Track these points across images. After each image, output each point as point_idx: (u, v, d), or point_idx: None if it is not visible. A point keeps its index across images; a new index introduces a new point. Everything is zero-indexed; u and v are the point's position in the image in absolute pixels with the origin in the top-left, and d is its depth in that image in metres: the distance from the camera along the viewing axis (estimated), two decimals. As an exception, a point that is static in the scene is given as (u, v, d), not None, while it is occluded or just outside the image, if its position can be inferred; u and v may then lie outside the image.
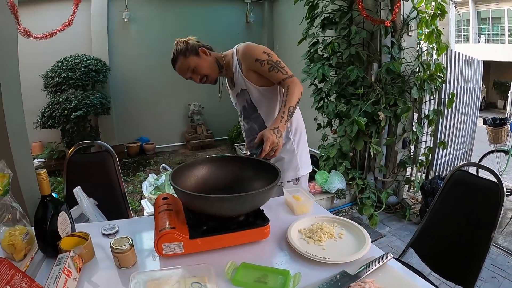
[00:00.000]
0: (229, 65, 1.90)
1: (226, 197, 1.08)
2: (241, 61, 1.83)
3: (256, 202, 1.14)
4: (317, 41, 4.15)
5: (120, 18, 6.32)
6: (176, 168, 1.29)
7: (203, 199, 1.09)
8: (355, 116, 3.59)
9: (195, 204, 1.14)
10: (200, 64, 1.82)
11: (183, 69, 1.83)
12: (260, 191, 1.10)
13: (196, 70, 1.82)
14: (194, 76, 1.85)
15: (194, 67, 1.81)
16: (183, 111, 7.10)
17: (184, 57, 1.80)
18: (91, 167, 2.18)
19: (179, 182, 1.22)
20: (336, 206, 4.04)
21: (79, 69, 5.47)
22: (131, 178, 5.03)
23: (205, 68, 1.83)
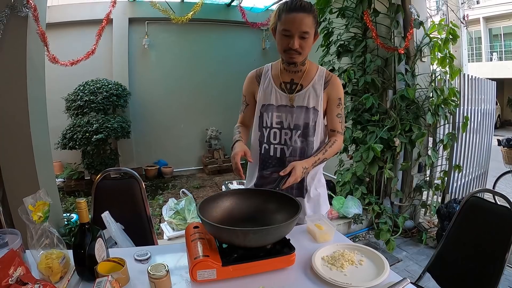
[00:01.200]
0: (307, 71, 1.78)
1: (251, 230, 1.16)
2: (330, 84, 1.77)
3: (278, 234, 1.22)
4: (333, 68, 4.26)
5: (140, 44, 6.54)
6: (202, 201, 1.36)
7: (229, 232, 1.17)
8: (371, 142, 3.65)
9: (222, 235, 1.22)
10: (311, 35, 1.63)
11: (298, 22, 1.56)
12: (282, 224, 1.18)
13: (307, 38, 1.61)
14: (298, 39, 1.60)
15: (309, 32, 1.60)
16: (201, 136, 7.19)
17: (308, 15, 1.58)
18: (118, 192, 2.25)
19: (206, 214, 1.29)
20: (353, 231, 4.04)
21: (101, 93, 5.64)
22: (150, 201, 5.08)
23: (310, 43, 1.64)
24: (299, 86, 1.76)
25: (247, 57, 7.42)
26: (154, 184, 6.21)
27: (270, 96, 1.78)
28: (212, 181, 6.42)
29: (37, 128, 3.18)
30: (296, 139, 1.76)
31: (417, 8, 3.81)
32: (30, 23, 3.02)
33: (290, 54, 1.64)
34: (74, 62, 3.83)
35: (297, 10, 1.57)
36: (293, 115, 1.75)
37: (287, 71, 1.78)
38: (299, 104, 1.75)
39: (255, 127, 1.85)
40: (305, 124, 1.75)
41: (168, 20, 6.39)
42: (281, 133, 1.77)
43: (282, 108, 1.76)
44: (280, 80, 1.78)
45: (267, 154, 1.81)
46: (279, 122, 1.77)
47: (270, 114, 1.77)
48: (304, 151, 1.77)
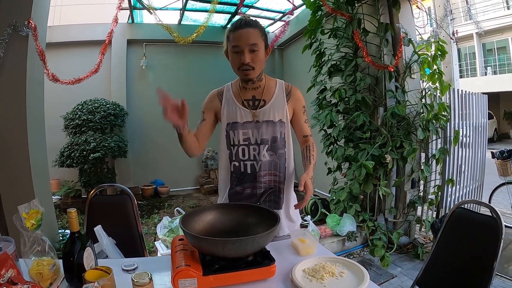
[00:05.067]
0: (266, 86, 1.85)
1: (229, 240, 1.20)
2: (292, 96, 1.86)
3: (257, 245, 1.25)
4: (325, 88, 4.35)
5: (138, 65, 6.68)
6: (186, 214, 1.41)
7: (209, 242, 1.21)
8: (363, 160, 3.70)
9: (202, 245, 1.26)
10: (261, 48, 1.69)
11: (245, 37, 1.66)
12: (260, 235, 1.21)
13: (256, 50, 1.68)
14: (248, 53, 1.67)
15: (258, 44, 1.67)
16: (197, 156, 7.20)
17: (253, 29, 1.68)
18: (111, 208, 2.30)
19: (189, 226, 1.33)
20: (347, 248, 4.05)
21: (99, 112, 5.74)
22: (145, 220, 5.11)
23: (260, 56, 1.70)
24: (262, 102, 1.82)
25: (244, 77, 7.51)
26: (151, 204, 6.23)
27: (234, 115, 1.81)
28: (208, 200, 6.45)
29: (35, 145, 3.24)
30: (264, 153, 1.81)
31: (406, 26, 3.92)
32: (30, 43, 3.13)
33: (244, 71, 1.70)
34: (77, 80, 3.90)
35: (242, 27, 1.67)
36: (259, 130, 1.79)
37: (246, 88, 1.83)
38: (264, 118, 1.79)
39: (223, 146, 1.89)
40: (273, 138, 1.81)
41: (166, 42, 6.57)
42: (249, 149, 1.81)
43: (247, 124, 1.80)
44: (241, 98, 1.83)
45: (238, 171, 1.84)
46: (246, 138, 1.80)
47: (237, 132, 1.81)
48: (276, 164, 1.84)
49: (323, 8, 4.22)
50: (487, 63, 18.04)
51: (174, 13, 6.47)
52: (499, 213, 1.60)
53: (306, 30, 4.43)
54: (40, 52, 3.22)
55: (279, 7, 6.52)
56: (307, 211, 4.81)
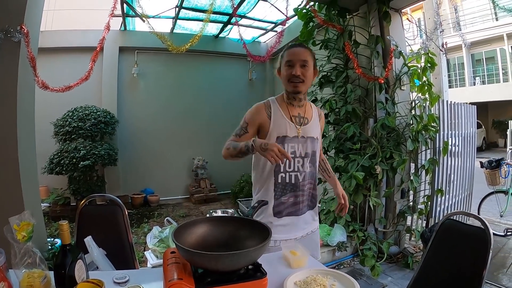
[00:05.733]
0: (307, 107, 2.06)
1: (222, 254, 1.20)
2: (321, 117, 2.14)
3: (249, 259, 1.25)
4: (316, 99, 4.39)
5: (129, 73, 6.67)
6: (178, 227, 1.40)
7: (201, 256, 1.21)
8: (353, 170, 3.73)
9: (194, 259, 1.25)
10: (310, 66, 1.90)
11: (298, 53, 1.89)
12: (252, 249, 1.22)
13: (307, 66, 1.88)
14: (300, 68, 1.87)
15: (308, 61, 1.88)
16: (188, 165, 7.24)
17: (305, 49, 1.93)
18: (101, 218, 2.28)
19: (181, 239, 1.33)
20: (338, 258, 4.05)
21: (89, 120, 5.70)
22: (135, 229, 5.06)
23: (310, 73, 1.91)
24: (305, 120, 2.00)
25: (234, 87, 7.62)
26: (140, 212, 6.18)
27: (284, 129, 1.93)
28: (198, 210, 6.40)
29: (25, 152, 3.21)
30: (307, 165, 1.99)
31: (396, 38, 3.97)
32: (22, 48, 3.11)
33: (294, 83, 1.88)
34: (67, 88, 3.87)
35: (296, 46, 1.94)
36: (303, 145, 1.97)
37: (293, 105, 1.99)
38: (308, 135, 1.99)
39: None
40: (313, 152, 2.02)
41: (158, 50, 6.57)
42: (295, 162, 1.96)
43: (295, 139, 1.95)
44: (290, 114, 1.96)
45: (283, 181, 1.96)
46: (293, 152, 1.94)
47: (286, 145, 1.93)
48: (313, 174, 2.06)
49: (315, 19, 4.28)
50: (475, 73, 18.34)
51: (166, 21, 6.49)
52: (488, 224, 1.62)
53: (297, 41, 4.47)
54: (31, 58, 3.20)
55: (271, 18, 6.57)
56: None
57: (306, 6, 4.46)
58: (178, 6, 5.68)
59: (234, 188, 6.74)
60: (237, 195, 6.54)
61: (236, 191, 6.66)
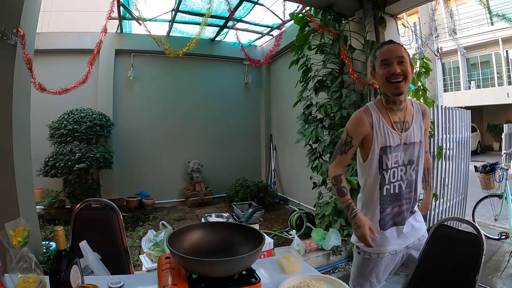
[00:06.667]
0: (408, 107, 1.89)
1: (216, 261, 1.22)
2: (425, 115, 1.94)
3: (243, 265, 1.27)
4: (311, 103, 4.42)
5: (125, 76, 6.65)
6: (172, 233, 1.42)
7: (196, 262, 1.23)
8: (348, 175, 3.74)
9: (189, 265, 1.27)
10: (407, 62, 1.76)
11: (393, 50, 1.76)
12: (246, 255, 1.23)
13: (404, 62, 1.74)
14: (398, 65, 1.73)
15: (405, 57, 1.75)
16: (183, 168, 7.20)
17: (399, 45, 1.79)
18: (96, 222, 2.28)
19: (175, 245, 1.33)
20: (332, 262, 4.04)
21: (85, 122, 5.67)
22: (130, 233, 5.03)
23: (408, 69, 1.76)
24: (406, 124, 1.86)
25: (230, 91, 7.63)
26: (135, 216, 6.14)
27: (386, 138, 1.81)
28: (193, 213, 6.37)
29: (20, 154, 3.20)
30: (411, 173, 1.87)
31: (391, 44, 3.99)
32: (18, 51, 3.10)
33: (394, 84, 1.73)
34: (64, 90, 3.85)
35: (388, 43, 1.81)
36: (406, 152, 1.84)
37: (393, 110, 1.85)
38: (410, 141, 1.84)
39: (374, 170, 1.86)
40: (417, 158, 1.87)
41: (154, 53, 6.56)
42: (398, 171, 1.85)
43: (397, 147, 1.82)
44: (391, 120, 1.83)
45: (388, 193, 1.86)
46: (396, 161, 1.83)
47: (390, 155, 1.82)
48: (416, 182, 1.90)
49: (311, 24, 4.30)
50: (471, 78, 18.57)
51: (163, 24, 6.50)
52: (480, 230, 1.63)
53: (294, 46, 4.50)
54: (27, 60, 3.18)
55: (267, 22, 6.59)
56: (292, 226, 4.83)
57: (302, 11, 4.49)
58: (174, 10, 5.68)
59: (230, 192, 6.70)
60: (232, 199, 6.50)
61: (231, 194, 6.62)
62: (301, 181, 6.02)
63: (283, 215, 6.08)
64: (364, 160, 1.89)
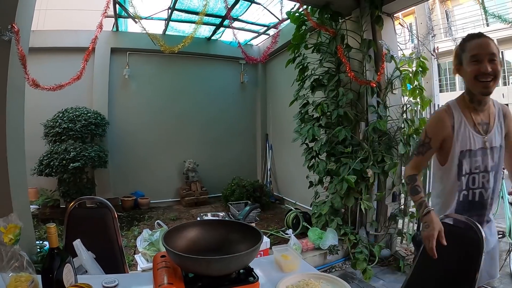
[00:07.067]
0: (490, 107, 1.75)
1: (213, 259, 1.18)
2: (506, 117, 1.77)
3: (240, 263, 1.24)
4: (308, 102, 4.40)
5: (121, 74, 6.60)
6: (168, 230, 1.38)
7: (192, 260, 1.19)
8: (345, 174, 3.74)
9: (185, 264, 1.24)
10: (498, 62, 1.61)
11: (485, 46, 1.61)
12: (244, 253, 1.20)
13: (495, 60, 1.60)
14: (489, 63, 1.59)
15: (496, 55, 1.60)
16: (179, 168, 7.16)
17: (490, 40, 1.63)
18: (91, 221, 2.25)
19: (171, 243, 1.30)
20: (329, 261, 4.04)
21: (80, 121, 5.62)
22: (125, 232, 5.00)
23: (499, 69, 1.61)
24: (488, 126, 1.72)
25: (226, 90, 7.60)
26: (131, 215, 6.10)
27: (468, 141, 1.70)
28: (189, 213, 6.34)
29: (14, 153, 3.16)
30: (491, 179, 1.72)
31: (388, 43, 4.00)
32: (13, 48, 3.06)
33: (483, 83, 1.61)
34: (58, 86, 3.82)
35: (479, 37, 1.64)
36: (487, 157, 1.70)
37: (477, 110, 1.72)
38: (492, 144, 1.71)
39: (452, 175, 1.75)
40: (497, 164, 1.73)
41: (150, 52, 6.54)
42: (479, 177, 1.71)
43: (479, 151, 1.70)
44: (474, 121, 1.71)
45: (466, 200, 1.75)
46: (477, 166, 1.71)
47: (470, 160, 1.70)
48: (495, 189, 1.76)
49: (307, 23, 4.29)
50: None
51: (159, 23, 6.45)
52: (480, 227, 1.60)
53: (290, 45, 4.49)
54: (21, 56, 3.15)
55: (263, 21, 6.57)
56: (289, 225, 4.82)
57: (299, 9, 4.48)
58: (170, 8, 5.66)
59: (225, 192, 6.68)
60: (228, 198, 6.46)
61: (227, 194, 6.59)
62: (297, 181, 6.01)
63: (279, 214, 6.09)
64: (442, 164, 1.78)
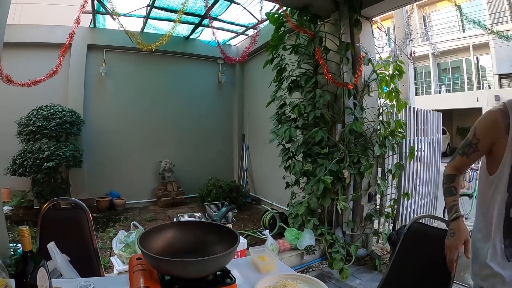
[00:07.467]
0: None
1: (189, 261, 1.18)
2: None
3: (217, 265, 1.24)
4: (285, 103, 4.43)
5: (97, 72, 6.49)
6: (143, 232, 1.37)
7: (168, 263, 1.19)
8: (321, 175, 3.77)
9: (161, 266, 1.23)
10: None
11: None
12: (220, 255, 1.20)
13: None
14: None
15: None
16: (155, 168, 7.08)
17: None
18: (65, 223, 2.20)
19: (147, 245, 1.29)
20: (306, 261, 4.06)
21: (54, 119, 5.48)
22: (101, 234, 4.91)
23: None
24: None
25: (203, 90, 7.58)
26: (106, 216, 5.99)
27: None
28: (165, 214, 6.27)
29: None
30: None
31: (366, 46, 4.05)
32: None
33: None
34: (33, 82, 3.72)
35: None
36: None
37: None
38: None
39: (502, 186, 1.46)
40: None
41: (127, 49, 6.44)
42: None
43: None
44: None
45: None
46: None
47: None
48: None
49: (286, 24, 4.31)
50: (441, 82, 19.47)
51: (137, 20, 6.37)
52: None
53: (269, 46, 4.51)
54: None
55: (242, 21, 6.57)
56: (266, 225, 4.83)
57: (278, 10, 4.50)
58: (149, 5, 5.60)
59: (202, 192, 6.64)
60: (205, 199, 6.43)
61: (203, 194, 6.56)
62: (273, 181, 6.04)
63: (256, 215, 6.10)
64: (491, 173, 1.52)
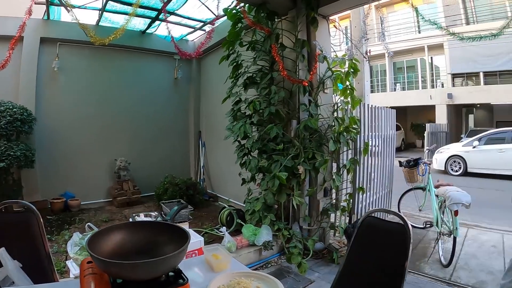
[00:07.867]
0: None
1: (138, 263, 1.16)
2: None
3: (168, 265, 1.24)
4: (240, 99, 4.45)
5: (49, 67, 6.24)
6: (91, 235, 1.33)
7: (117, 265, 1.17)
8: (276, 171, 3.83)
9: (110, 269, 1.21)
10: None
11: None
12: (170, 255, 1.19)
13: None
14: None
15: None
16: (110, 167, 6.91)
17: None
18: (15, 227, 2.12)
19: (96, 248, 1.26)
20: (264, 257, 4.10)
21: (4, 117, 5.20)
22: (56, 237, 4.74)
23: None
24: None
25: (159, 86, 7.48)
26: (61, 218, 5.77)
27: None
28: (122, 214, 6.14)
29: None
30: None
31: (322, 44, 4.14)
32: None
33: None
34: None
35: None
36: None
37: None
38: None
39: None
40: None
41: (81, 43, 6.23)
42: None
43: None
44: None
45: None
46: None
47: None
48: None
49: (244, 20, 4.33)
50: (396, 80, 20.47)
51: (92, 12, 6.15)
52: (407, 220, 1.70)
53: (225, 41, 4.51)
54: None
55: (200, 16, 6.52)
56: (223, 222, 4.84)
57: (236, 6, 4.49)
58: (105, -3, 5.43)
59: (158, 190, 6.55)
60: (161, 197, 6.33)
61: (159, 193, 6.47)
62: (230, 178, 6.07)
63: (213, 212, 6.10)
64: None
